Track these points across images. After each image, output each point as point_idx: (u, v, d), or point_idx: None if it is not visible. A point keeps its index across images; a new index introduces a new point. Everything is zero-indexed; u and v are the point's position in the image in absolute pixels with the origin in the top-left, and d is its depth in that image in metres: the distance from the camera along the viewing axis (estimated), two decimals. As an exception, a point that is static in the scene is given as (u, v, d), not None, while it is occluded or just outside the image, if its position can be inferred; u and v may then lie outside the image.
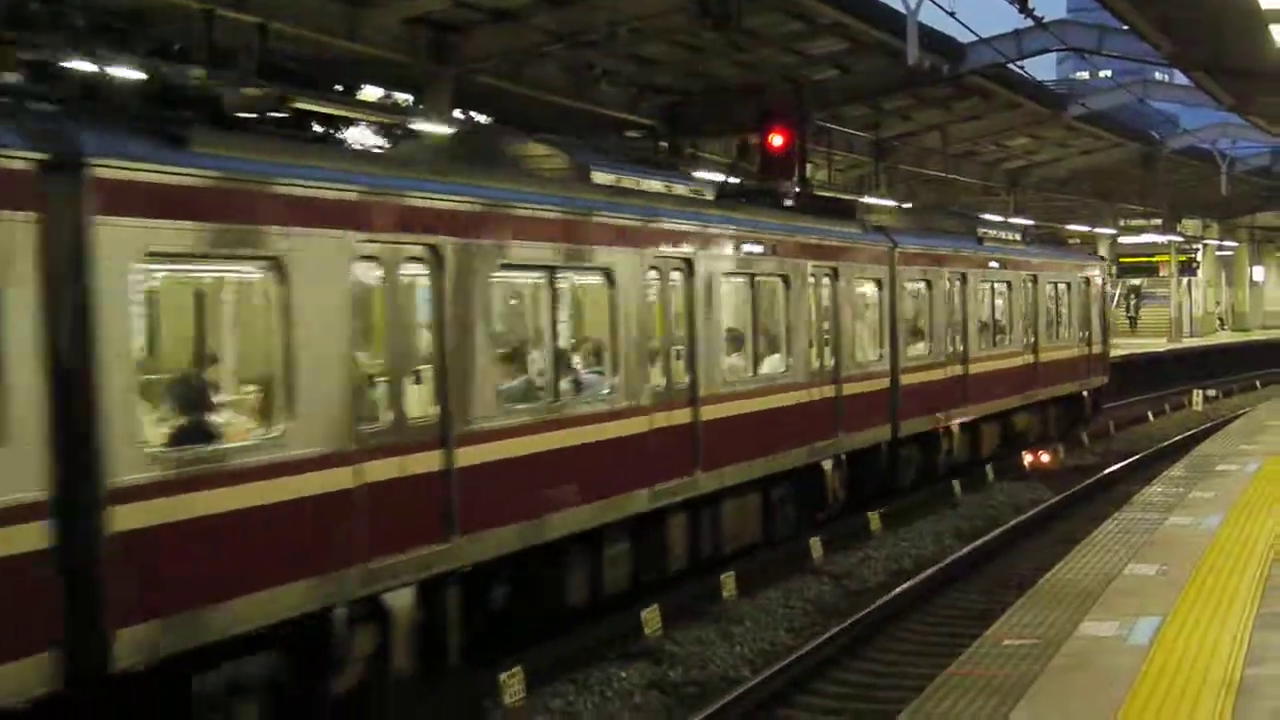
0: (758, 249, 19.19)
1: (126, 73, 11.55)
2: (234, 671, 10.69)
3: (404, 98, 31.17)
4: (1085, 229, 57.00)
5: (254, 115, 11.62)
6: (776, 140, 26.06)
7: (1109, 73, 46.38)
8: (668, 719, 13.53)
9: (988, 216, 37.73)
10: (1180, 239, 64.33)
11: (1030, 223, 44.14)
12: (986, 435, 28.51)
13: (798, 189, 25.44)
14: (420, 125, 23.46)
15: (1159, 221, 61.05)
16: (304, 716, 11.40)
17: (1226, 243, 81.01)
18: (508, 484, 13.54)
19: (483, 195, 13.51)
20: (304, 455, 10.99)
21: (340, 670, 11.58)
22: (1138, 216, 62.07)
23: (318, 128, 13.35)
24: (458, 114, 26.91)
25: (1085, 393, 34.77)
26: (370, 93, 35.37)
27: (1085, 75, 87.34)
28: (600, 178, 16.51)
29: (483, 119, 31.27)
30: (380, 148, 15.02)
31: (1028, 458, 29.75)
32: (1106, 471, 29.07)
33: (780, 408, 19.62)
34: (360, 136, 15.00)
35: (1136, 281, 69.28)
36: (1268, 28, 17.80)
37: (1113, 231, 60.43)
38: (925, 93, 35.95)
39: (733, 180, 22.19)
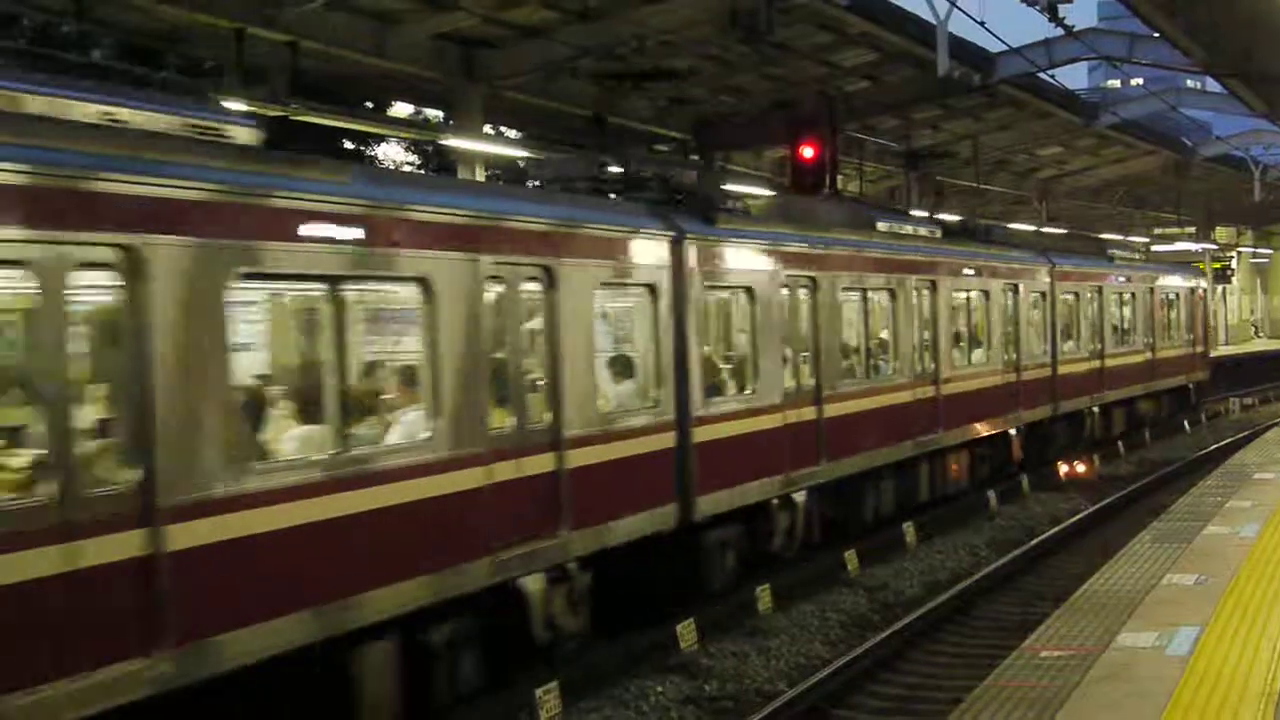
0: (970, 272, 26.20)
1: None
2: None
3: (434, 114, 31.27)
4: (1133, 239, 56.75)
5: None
6: (808, 152, 26.03)
7: (1140, 81, 46.02)
8: (704, 733, 13.51)
9: (1106, 236, 46.44)
10: (1214, 247, 64.07)
11: (1145, 240, 52.94)
12: (1117, 417, 35.36)
13: (925, 214, 31.02)
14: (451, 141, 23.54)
15: (1192, 230, 60.76)
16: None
17: (1261, 250, 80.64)
18: (857, 426, 21.23)
19: (850, 245, 21.70)
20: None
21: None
22: (1171, 225, 61.83)
23: None
24: (488, 129, 26.98)
25: (1191, 384, 41.53)
26: (400, 109, 35.54)
27: (1117, 83, 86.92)
28: (881, 226, 23.54)
29: (512, 134, 31.36)
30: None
31: (1063, 468, 29.70)
32: (1143, 481, 28.95)
33: (983, 388, 26.44)
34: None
35: None
36: (1300, 33, 17.71)
37: (1146, 240, 60.16)
38: (956, 103, 35.88)
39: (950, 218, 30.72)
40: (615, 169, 18.78)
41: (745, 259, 18.46)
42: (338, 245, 11.53)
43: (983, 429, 26.14)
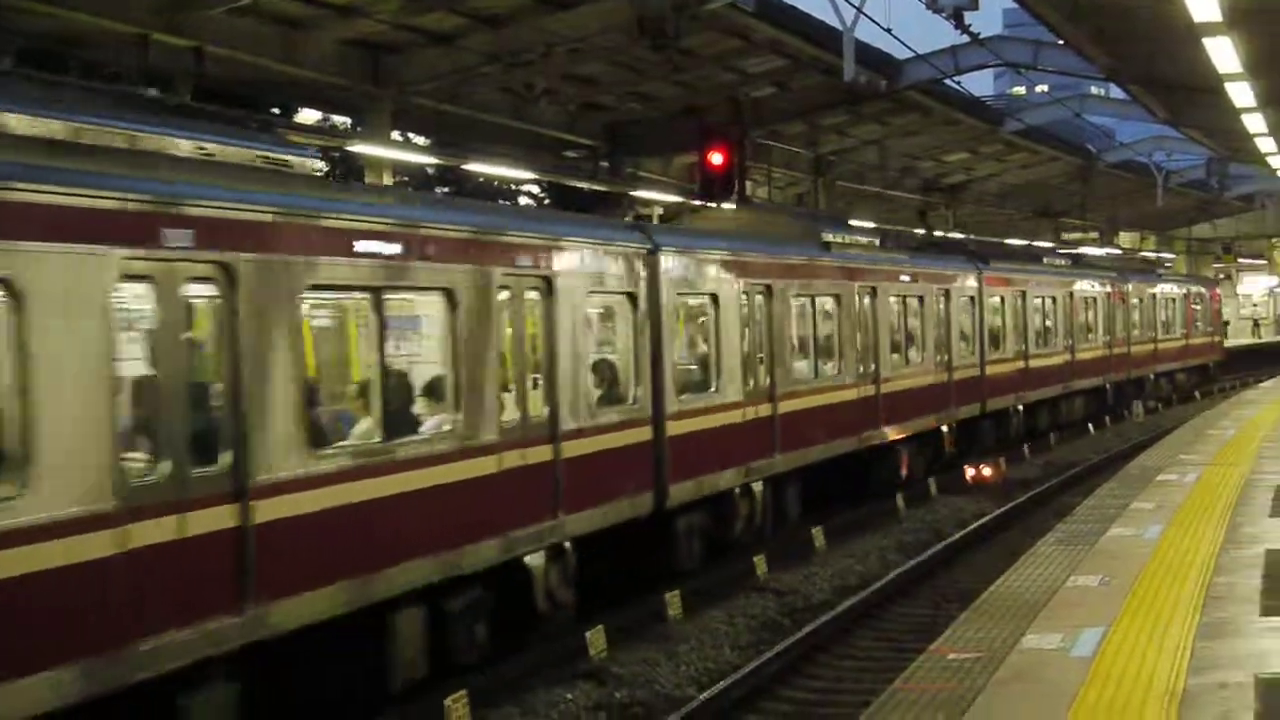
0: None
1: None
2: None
3: (342, 120, 31.10)
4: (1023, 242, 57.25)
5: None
6: (716, 159, 26.11)
7: (1045, 87, 46.54)
8: (614, 740, 13.51)
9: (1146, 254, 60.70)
10: (1118, 251, 64.75)
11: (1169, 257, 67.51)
12: (1163, 384, 51.36)
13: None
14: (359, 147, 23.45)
15: (1096, 235, 61.43)
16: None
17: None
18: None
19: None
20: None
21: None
22: (1076, 230, 62.45)
23: None
24: (396, 135, 26.85)
25: (1210, 364, 57.89)
26: (308, 115, 35.30)
27: (1022, 90, 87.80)
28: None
29: (421, 140, 31.26)
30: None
31: (970, 472, 29.96)
32: (1048, 484, 29.23)
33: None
34: None
35: None
36: (1201, 41, 17.94)
37: (1051, 245, 60.71)
38: (863, 109, 36.08)
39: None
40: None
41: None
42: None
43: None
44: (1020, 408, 35.96)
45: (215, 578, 11.12)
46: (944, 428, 30.41)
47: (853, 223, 30.83)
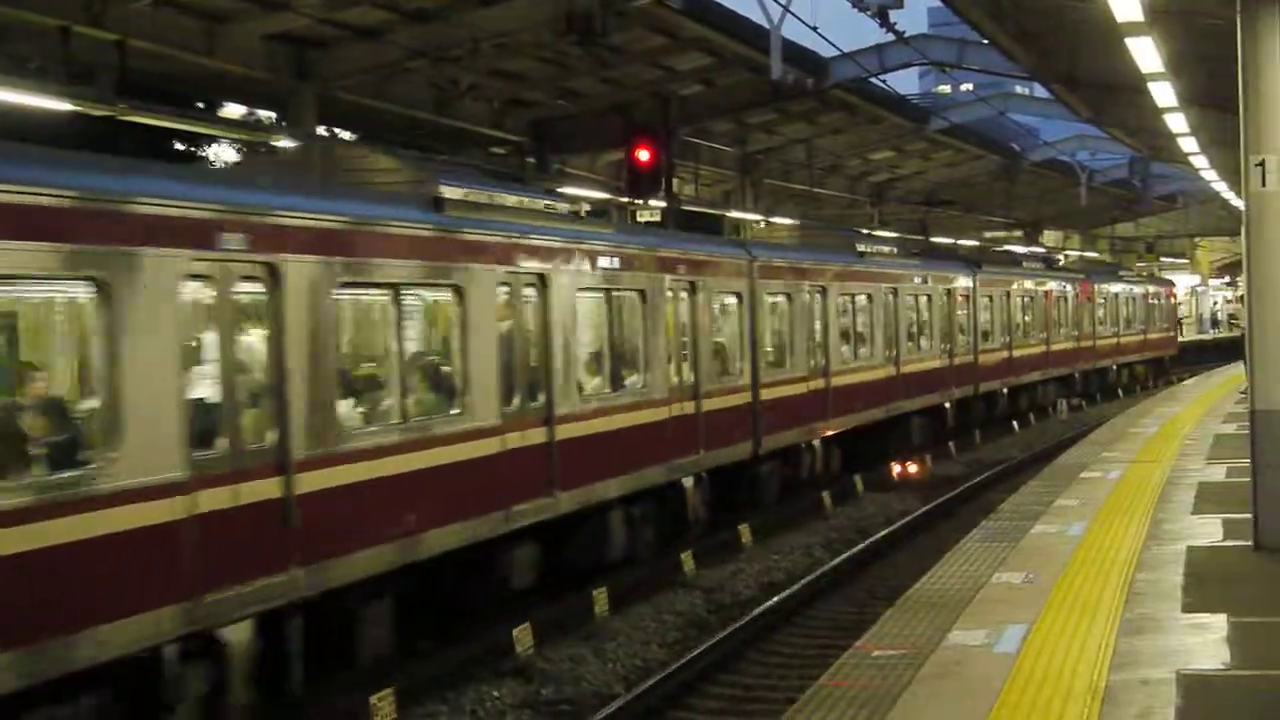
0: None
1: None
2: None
3: (267, 115, 30.90)
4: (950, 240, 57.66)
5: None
6: (643, 155, 26.13)
7: (970, 86, 46.81)
8: (540, 738, 13.48)
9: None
10: (1042, 250, 65.20)
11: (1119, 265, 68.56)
12: (1123, 374, 56.10)
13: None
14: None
15: (1020, 233, 61.81)
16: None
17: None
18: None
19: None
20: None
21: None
22: (1000, 228, 62.84)
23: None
24: (322, 130, 26.68)
25: (1165, 357, 62.40)
26: (232, 110, 35.02)
27: (947, 89, 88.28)
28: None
29: (347, 135, 31.08)
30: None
31: (896, 469, 30.14)
32: (973, 481, 29.41)
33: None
34: None
35: None
36: (1123, 41, 18.07)
37: (975, 242, 61.16)
38: (790, 107, 36.13)
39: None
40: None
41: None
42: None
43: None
44: (1006, 390, 41.85)
45: (265, 539, 12.45)
46: (946, 404, 35.88)
47: (877, 233, 37.87)
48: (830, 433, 27.75)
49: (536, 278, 17.36)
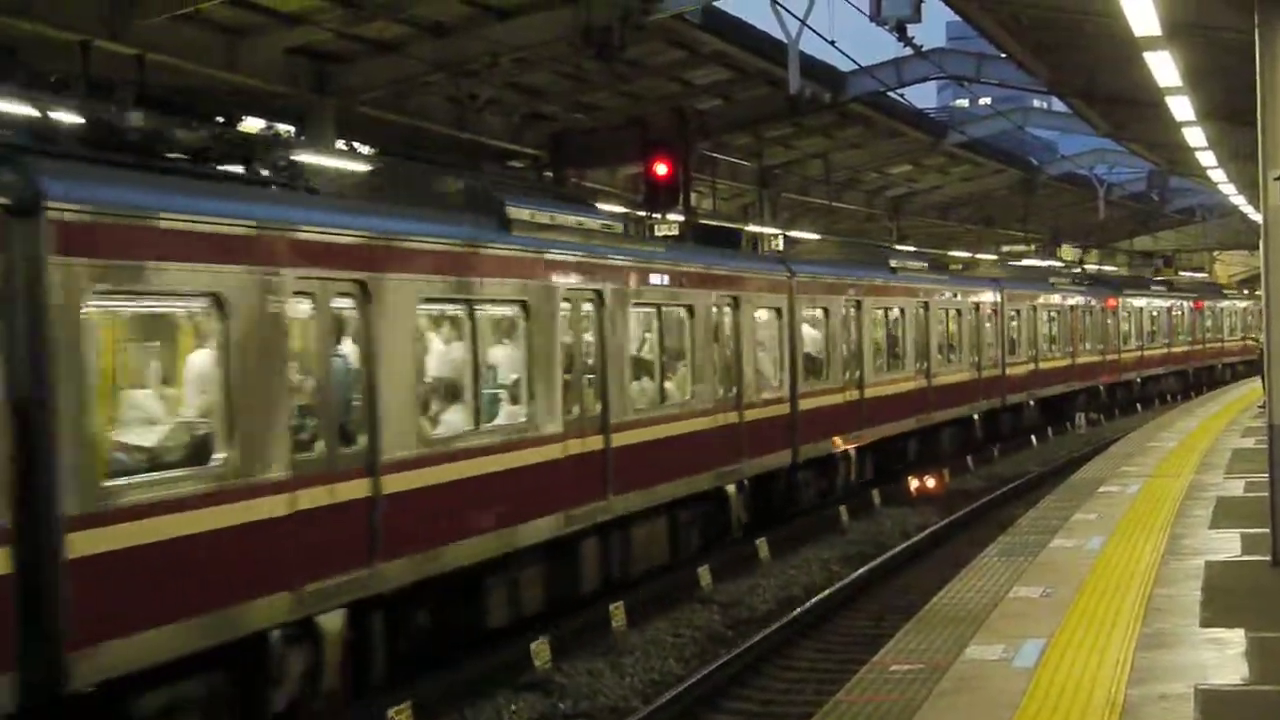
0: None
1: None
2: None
3: (285, 129, 30.94)
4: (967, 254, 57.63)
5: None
6: (661, 169, 26.13)
7: (988, 100, 46.74)
8: (558, 751, 13.48)
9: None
10: (1060, 264, 65.13)
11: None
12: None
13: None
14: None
15: (1035, 247, 61.69)
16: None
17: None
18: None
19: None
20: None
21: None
22: (1019, 242, 62.75)
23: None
24: (341, 144, 26.72)
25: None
26: (252, 124, 35.06)
27: (965, 103, 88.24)
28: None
29: (366, 149, 31.10)
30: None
31: (914, 483, 30.06)
32: (991, 495, 29.35)
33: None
34: None
35: None
36: (1141, 55, 18.05)
37: (994, 256, 61.14)
38: (808, 121, 36.16)
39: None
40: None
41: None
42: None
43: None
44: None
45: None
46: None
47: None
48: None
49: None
